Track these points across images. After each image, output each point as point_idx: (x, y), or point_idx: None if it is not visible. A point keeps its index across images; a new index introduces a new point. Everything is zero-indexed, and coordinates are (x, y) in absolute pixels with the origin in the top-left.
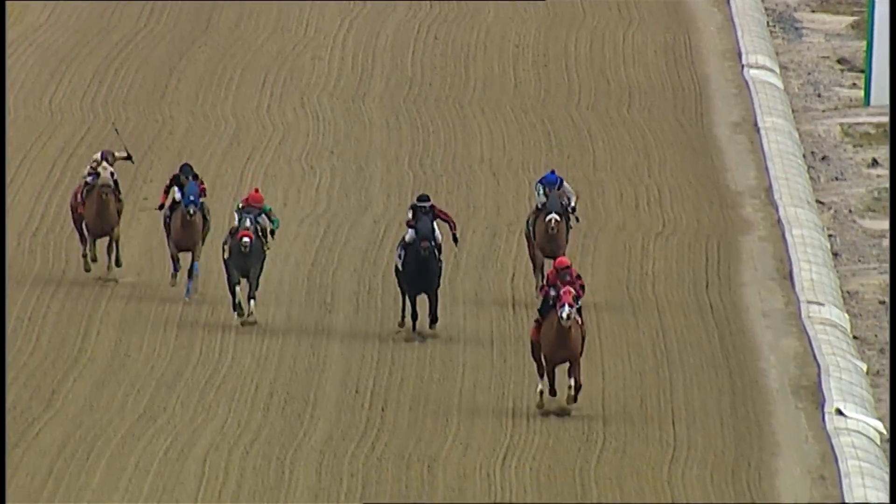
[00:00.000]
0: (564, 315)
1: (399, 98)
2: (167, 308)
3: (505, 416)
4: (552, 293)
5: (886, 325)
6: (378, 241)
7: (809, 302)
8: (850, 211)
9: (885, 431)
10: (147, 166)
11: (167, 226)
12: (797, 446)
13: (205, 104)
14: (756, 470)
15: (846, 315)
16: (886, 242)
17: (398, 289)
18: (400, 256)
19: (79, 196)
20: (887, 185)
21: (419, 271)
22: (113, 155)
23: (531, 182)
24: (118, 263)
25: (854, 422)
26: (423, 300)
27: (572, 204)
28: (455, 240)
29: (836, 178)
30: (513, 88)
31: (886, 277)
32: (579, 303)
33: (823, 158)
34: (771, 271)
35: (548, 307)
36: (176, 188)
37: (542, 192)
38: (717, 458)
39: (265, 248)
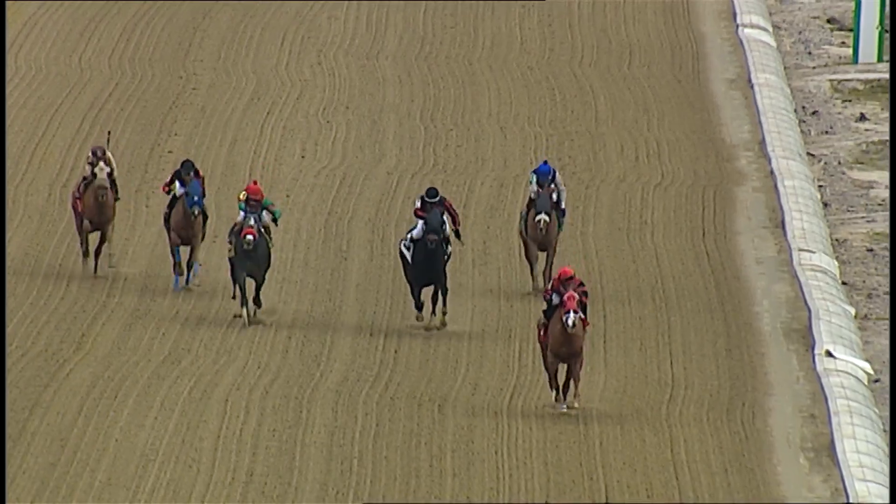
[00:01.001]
0: (570, 322)
1: (411, 56)
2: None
3: (511, 359)
4: (556, 299)
5: (873, 271)
6: (391, 191)
7: (800, 249)
8: (840, 163)
9: (872, 372)
10: (171, 121)
11: (167, 221)
12: (789, 386)
13: (227, 61)
14: (750, 409)
15: (835, 262)
16: (874, 192)
17: (406, 281)
18: (409, 249)
19: (78, 190)
20: (875, 138)
21: (427, 264)
22: (104, 151)
23: (536, 136)
24: (98, 252)
25: (843, 363)
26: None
27: (562, 203)
28: (457, 235)
29: (826, 132)
30: (519, 47)
31: (874, 226)
32: (584, 307)
33: (814, 113)
34: (764, 220)
35: (552, 309)
36: (178, 183)
37: (535, 182)
38: (712, 397)
39: (269, 245)
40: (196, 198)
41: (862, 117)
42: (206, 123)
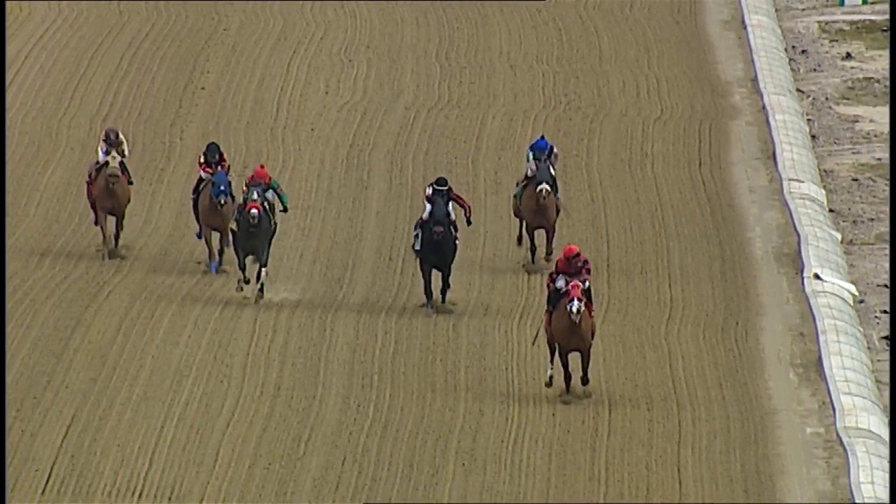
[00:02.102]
0: (574, 310)
1: None
2: None
3: (520, 280)
4: (560, 284)
5: (858, 199)
6: (409, 125)
7: (790, 179)
8: (827, 98)
9: (857, 294)
10: (204, 59)
11: (195, 207)
12: (779, 307)
13: (255, 4)
14: (743, 328)
15: (823, 190)
16: (859, 126)
17: (417, 264)
18: (417, 236)
19: (91, 173)
20: (860, 75)
21: (434, 251)
22: (117, 134)
23: (544, 73)
24: (117, 236)
25: (830, 285)
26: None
27: (554, 170)
28: (469, 222)
29: (814, 70)
30: None
31: (859, 157)
32: (588, 286)
33: (803, 52)
34: (756, 152)
35: (557, 297)
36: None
37: (531, 158)
38: (708, 316)
39: (273, 223)
40: (222, 187)
41: (848, 56)
42: (236, 62)
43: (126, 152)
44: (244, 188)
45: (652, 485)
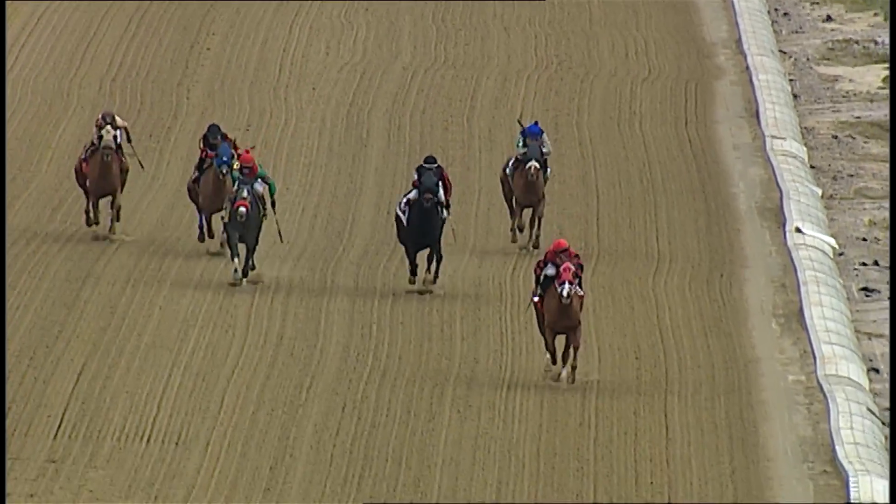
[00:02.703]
0: (565, 293)
1: None
2: None
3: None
4: (550, 271)
5: (838, 156)
6: (406, 85)
7: (773, 136)
8: (808, 59)
9: (836, 246)
10: (210, 21)
11: (193, 191)
12: (762, 259)
13: None
14: (727, 279)
15: (804, 147)
16: (839, 86)
17: (401, 245)
18: (404, 212)
19: (83, 156)
20: (839, 37)
21: (422, 226)
22: (113, 117)
23: (537, 35)
24: (118, 219)
25: (811, 238)
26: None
27: (546, 153)
28: (447, 203)
29: (796, 31)
30: None
31: (838, 115)
32: (579, 279)
33: (785, 14)
34: (740, 110)
35: (548, 282)
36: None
37: (522, 143)
38: (694, 268)
39: (262, 216)
40: (225, 158)
41: (828, 18)
42: (240, 24)
43: (127, 128)
44: (232, 178)
45: (640, 430)
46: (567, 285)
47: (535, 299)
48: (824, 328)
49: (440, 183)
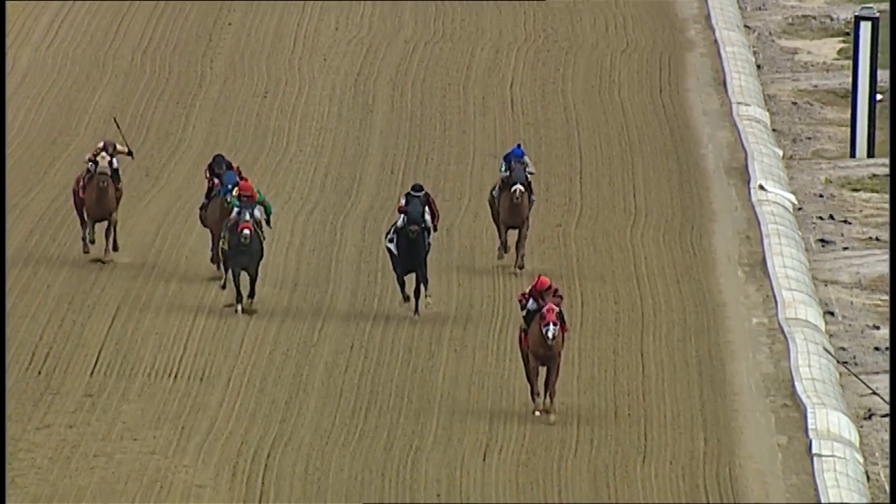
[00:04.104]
0: (550, 335)
1: None
2: (247, 109)
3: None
4: (532, 305)
5: (797, 120)
6: (408, 56)
7: (739, 103)
8: (770, 33)
9: (796, 202)
10: None
11: (203, 218)
12: (729, 214)
13: None
14: (698, 231)
15: (767, 113)
16: (798, 57)
17: (392, 270)
18: (392, 241)
19: (80, 182)
20: (799, 13)
21: (409, 253)
22: (114, 146)
23: (525, 10)
24: (115, 248)
25: (773, 195)
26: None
27: (530, 172)
28: (434, 229)
29: (759, 8)
30: None
31: (797, 84)
32: (561, 315)
33: None
34: (709, 80)
35: (531, 316)
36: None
37: (504, 167)
38: (668, 222)
39: (262, 240)
40: (228, 186)
41: None
42: (258, 2)
43: (121, 146)
44: (233, 206)
45: (618, 367)
46: (552, 327)
47: (521, 337)
48: (785, 276)
49: (427, 208)
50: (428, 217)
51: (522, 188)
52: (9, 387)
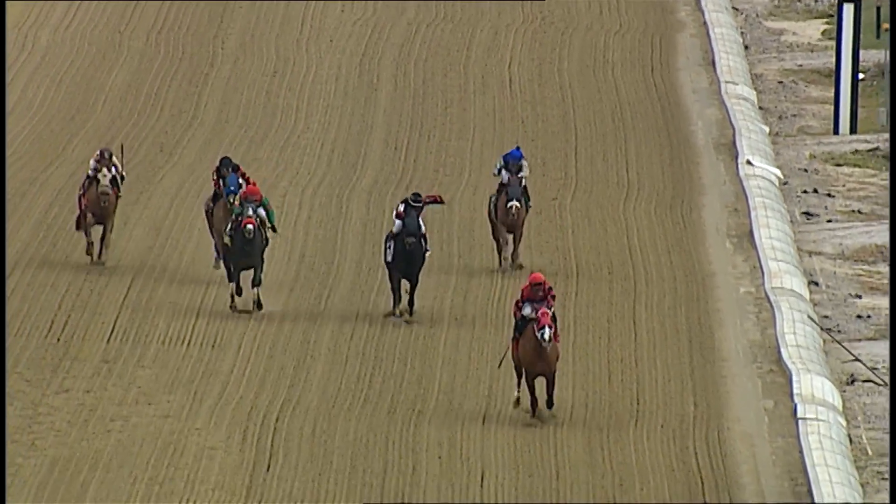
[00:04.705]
0: (546, 337)
1: None
2: (256, 87)
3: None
4: (527, 312)
5: (783, 98)
6: (411, 37)
7: (727, 81)
8: (757, 15)
9: (781, 177)
10: None
11: (209, 217)
12: (718, 188)
13: None
14: (688, 205)
15: (754, 91)
16: (783, 38)
17: (387, 277)
18: (389, 248)
19: (83, 186)
20: None
21: (405, 261)
22: (111, 154)
23: None
24: (104, 245)
25: (759, 169)
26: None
27: (524, 180)
28: (442, 201)
29: None
30: None
31: (783, 63)
32: (553, 313)
33: None
34: (699, 59)
35: (524, 325)
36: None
37: (499, 169)
38: (659, 195)
39: (265, 239)
40: (233, 187)
41: None
42: None
43: (121, 168)
44: (238, 204)
45: (612, 335)
46: (547, 329)
47: (513, 341)
48: (771, 247)
49: (421, 221)
50: (423, 227)
51: (518, 204)
52: (29, 353)
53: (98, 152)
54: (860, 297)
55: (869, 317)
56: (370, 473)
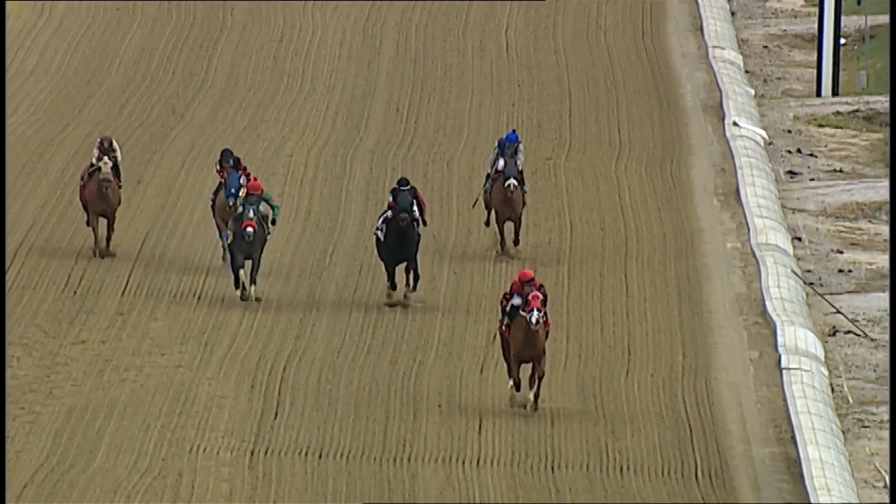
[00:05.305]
0: (534, 320)
1: None
2: (264, 52)
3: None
4: (517, 301)
5: (768, 62)
6: (413, 4)
7: (714, 46)
8: None
9: (766, 137)
10: None
11: (213, 207)
12: (705, 148)
13: None
14: (677, 164)
15: (740, 55)
16: (769, 4)
17: (380, 259)
18: (381, 230)
19: (84, 177)
20: None
21: (398, 242)
22: (111, 143)
23: None
24: (109, 238)
25: (745, 130)
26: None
27: (520, 164)
28: (423, 222)
29: None
30: None
31: (768, 29)
32: (546, 307)
33: None
34: (687, 25)
35: (514, 312)
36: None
37: (499, 152)
38: (650, 156)
39: (266, 235)
40: (233, 190)
41: None
42: None
43: (119, 158)
44: (239, 204)
45: (604, 288)
46: (536, 312)
47: (503, 328)
48: (756, 204)
49: (414, 202)
50: (416, 210)
51: (516, 183)
52: (47, 306)
53: (98, 141)
54: (841, 252)
55: (850, 271)
56: (373, 421)
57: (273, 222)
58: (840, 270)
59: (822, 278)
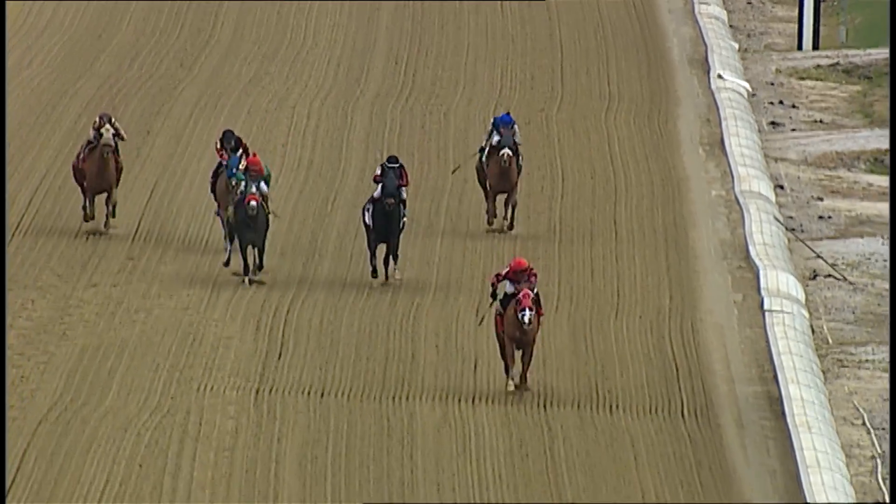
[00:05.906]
0: (526, 320)
1: None
2: (269, 7)
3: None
4: (509, 289)
5: (752, 18)
6: None
7: (700, 2)
8: None
9: (750, 90)
10: None
11: (213, 189)
12: (692, 100)
13: None
14: (664, 114)
15: (724, 11)
16: None
17: (366, 241)
18: (368, 210)
19: (81, 154)
20: None
21: (385, 224)
22: (111, 118)
23: None
24: (113, 215)
25: (730, 83)
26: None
27: (517, 142)
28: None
29: None
30: None
31: None
32: (536, 292)
33: None
34: None
35: (507, 301)
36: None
37: (494, 131)
38: (638, 107)
39: (268, 214)
40: (234, 170)
41: None
42: None
43: (123, 134)
44: (239, 180)
45: (594, 234)
46: (528, 312)
47: (496, 317)
48: (740, 154)
49: (401, 179)
50: (404, 191)
51: (511, 152)
52: (60, 251)
53: (98, 118)
54: (822, 199)
55: (829, 217)
56: (373, 361)
57: (266, 182)
58: (820, 217)
59: (803, 224)
